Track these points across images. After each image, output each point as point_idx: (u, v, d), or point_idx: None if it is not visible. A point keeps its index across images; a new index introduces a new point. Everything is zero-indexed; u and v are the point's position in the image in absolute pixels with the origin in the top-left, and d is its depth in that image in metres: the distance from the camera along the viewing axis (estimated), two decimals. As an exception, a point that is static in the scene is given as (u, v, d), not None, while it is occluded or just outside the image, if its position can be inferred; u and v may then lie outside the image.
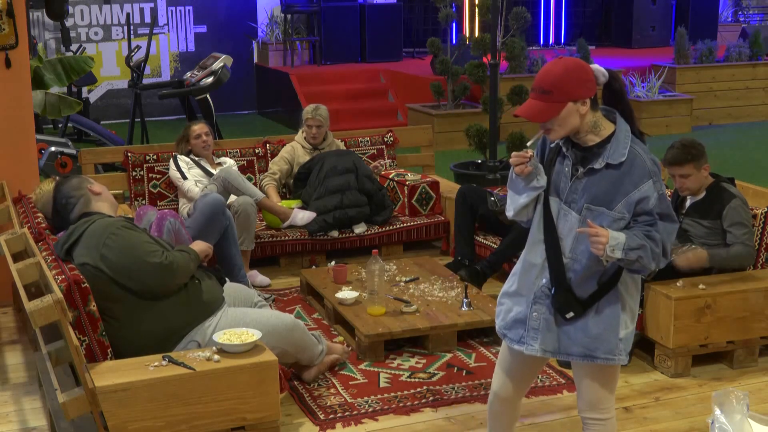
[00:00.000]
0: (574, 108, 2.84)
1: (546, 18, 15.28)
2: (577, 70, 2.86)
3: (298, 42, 13.11)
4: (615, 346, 2.96)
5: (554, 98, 2.84)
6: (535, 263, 2.99)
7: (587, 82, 2.85)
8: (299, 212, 6.12)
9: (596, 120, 2.91)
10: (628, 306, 2.99)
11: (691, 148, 4.58)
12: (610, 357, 2.96)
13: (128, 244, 3.79)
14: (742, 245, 4.54)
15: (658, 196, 2.85)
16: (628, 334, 3.00)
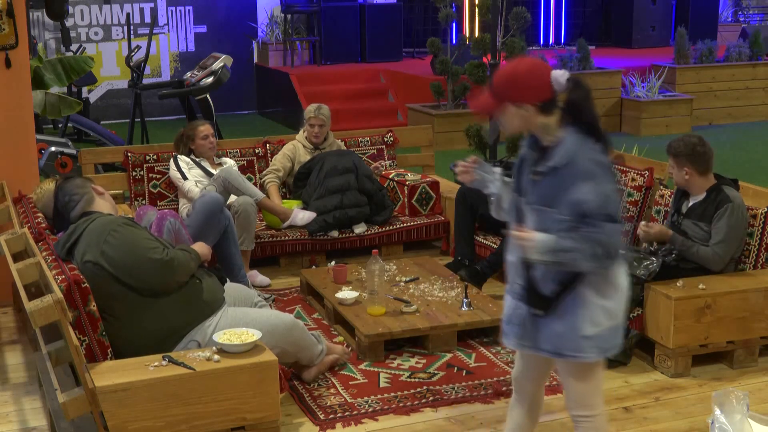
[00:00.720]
0: (516, 111, 2.91)
1: (546, 18, 15.29)
2: (527, 75, 2.90)
3: (298, 42, 13.11)
4: (579, 344, 2.97)
5: (497, 97, 2.92)
6: (512, 261, 3.07)
7: (534, 89, 2.89)
8: (299, 212, 6.12)
9: (548, 124, 2.93)
10: (597, 305, 2.96)
11: (678, 145, 4.63)
12: (575, 354, 2.99)
13: (129, 241, 3.80)
14: (711, 250, 4.56)
15: (601, 199, 2.86)
16: (600, 332, 2.98)
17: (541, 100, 2.90)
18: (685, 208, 4.73)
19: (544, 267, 2.95)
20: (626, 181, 5.52)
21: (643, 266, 4.51)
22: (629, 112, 11.63)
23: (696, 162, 4.59)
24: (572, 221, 2.87)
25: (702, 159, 4.60)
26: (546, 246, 2.86)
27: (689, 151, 4.60)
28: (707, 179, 4.63)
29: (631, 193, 5.46)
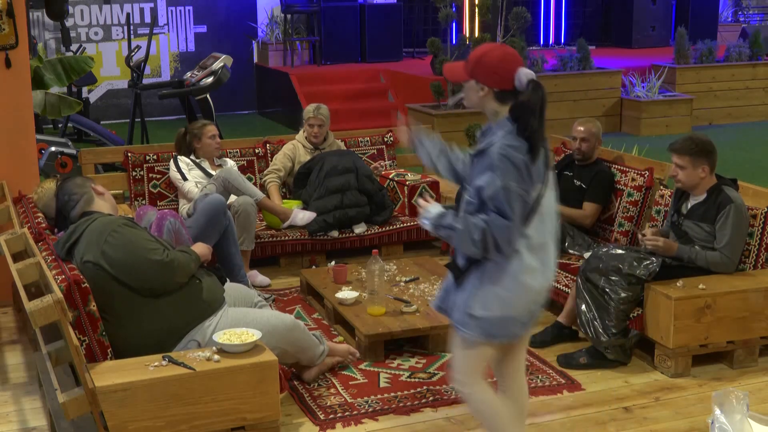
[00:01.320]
0: (475, 87, 3.12)
1: (546, 18, 15.28)
2: (496, 60, 3.09)
3: (298, 42, 13.11)
4: (464, 319, 3.15)
5: (466, 69, 3.14)
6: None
7: (496, 75, 3.08)
8: (299, 212, 6.12)
9: (498, 111, 3.11)
10: (492, 292, 3.10)
11: (694, 143, 4.58)
12: (458, 326, 3.18)
13: (129, 241, 3.80)
14: (719, 254, 4.55)
15: (494, 190, 2.99)
16: (491, 317, 3.11)
17: (500, 88, 3.09)
18: (685, 208, 4.72)
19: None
20: (626, 181, 5.53)
21: (643, 266, 4.51)
22: (629, 112, 11.63)
23: (712, 160, 4.59)
24: (476, 204, 3.06)
25: (714, 157, 4.61)
26: (431, 217, 3.12)
27: (709, 149, 4.59)
28: (704, 178, 4.62)
29: (631, 193, 5.46)
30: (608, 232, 5.58)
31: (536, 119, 3.03)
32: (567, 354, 4.67)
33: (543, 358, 4.70)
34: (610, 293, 4.53)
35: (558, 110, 11.35)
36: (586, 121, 5.67)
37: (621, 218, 5.48)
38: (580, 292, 4.65)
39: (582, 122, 5.66)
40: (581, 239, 5.49)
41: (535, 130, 3.03)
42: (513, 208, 2.99)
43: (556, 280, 5.12)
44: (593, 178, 5.55)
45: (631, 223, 5.44)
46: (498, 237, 2.99)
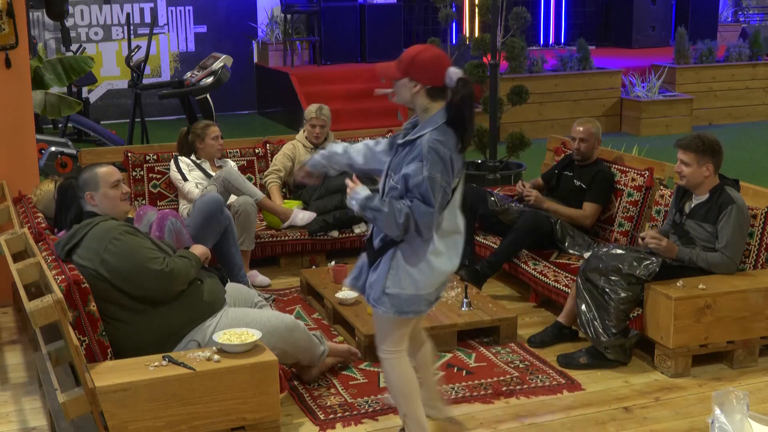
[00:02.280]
0: (408, 84, 3.37)
1: (546, 18, 15.28)
2: (429, 59, 3.37)
3: (298, 42, 13.11)
4: (380, 296, 3.44)
5: (399, 67, 3.39)
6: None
7: (428, 72, 3.35)
8: (299, 212, 6.12)
9: (428, 107, 3.38)
10: (404, 270, 3.40)
11: (702, 141, 4.58)
12: (374, 304, 3.47)
13: (129, 250, 3.79)
14: (720, 255, 4.55)
15: (421, 179, 3.26)
16: (402, 294, 3.41)
17: (432, 85, 3.35)
18: (687, 208, 4.72)
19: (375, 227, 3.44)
20: (626, 181, 5.53)
21: (643, 266, 4.51)
22: (629, 112, 11.63)
23: (717, 160, 4.59)
24: (401, 190, 3.33)
25: (720, 157, 4.60)
26: (359, 199, 3.37)
27: (716, 149, 4.59)
28: (708, 177, 4.62)
29: (631, 193, 5.46)
30: (608, 232, 5.58)
31: (468, 112, 3.35)
32: (567, 354, 4.67)
33: (543, 358, 4.70)
34: (610, 293, 4.53)
35: (558, 110, 11.35)
36: (585, 122, 5.66)
37: (621, 218, 5.48)
38: (580, 292, 4.66)
39: (581, 122, 5.65)
40: (581, 239, 5.49)
41: (468, 122, 3.36)
42: (435, 197, 3.27)
43: (555, 279, 5.16)
44: (593, 178, 5.55)
45: (631, 223, 5.44)
46: (420, 222, 3.28)
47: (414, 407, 3.65)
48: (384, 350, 3.60)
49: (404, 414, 3.66)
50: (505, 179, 7.90)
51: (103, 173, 4.05)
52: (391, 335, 3.56)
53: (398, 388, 3.64)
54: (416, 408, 3.65)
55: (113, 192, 4.01)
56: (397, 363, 3.60)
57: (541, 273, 5.28)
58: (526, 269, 5.41)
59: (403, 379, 3.62)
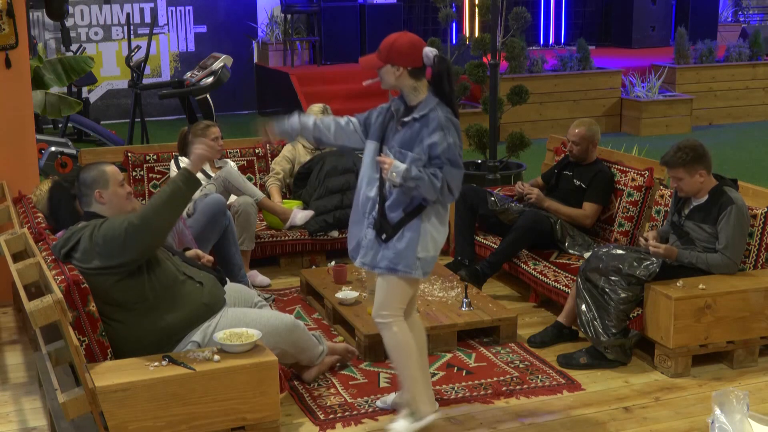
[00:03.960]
0: (391, 69, 3.71)
1: (546, 18, 15.28)
2: (405, 44, 3.69)
3: (298, 42, 13.10)
4: (413, 262, 3.72)
5: (380, 56, 3.73)
6: (370, 196, 3.80)
7: (407, 55, 3.68)
8: (298, 212, 6.12)
9: (416, 86, 3.73)
10: (430, 234, 3.74)
11: (683, 153, 4.55)
12: (407, 270, 3.73)
13: (108, 226, 3.74)
14: (721, 256, 4.55)
15: (447, 145, 3.64)
16: (428, 257, 3.74)
17: (412, 66, 3.69)
18: (686, 209, 4.71)
19: (393, 197, 3.70)
20: (626, 181, 5.53)
21: (643, 266, 4.51)
22: (629, 112, 11.63)
23: (706, 162, 4.58)
24: (424, 160, 3.65)
25: (708, 158, 4.60)
26: (401, 171, 3.62)
27: (701, 153, 4.57)
28: (704, 182, 4.61)
29: (631, 193, 5.46)
30: (608, 232, 5.58)
31: (448, 82, 3.71)
32: (567, 354, 4.67)
33: (543, 358, 4.70)
34: (610, 293, 4.53)
35: (558, 110, 11.35)
36: (579, 124, 5.64)
37: (621, 218, 5.48)
38: (580, 292, 4.65)
39: (576, 125, 5.64)
40: (581, 239, 5.49)
41: (449, 91, 3.71)
42: (459, 159, 3.67)
43: (555, 279, 5.16)
44: (593, 178, 5.55)
45: (631, 223, 5.44)
46: (451, 183, 3.67)
47: (416, 368, 3.86)
48: (389, 314, 3.81)
49: (409, 379, 3.85)
50: (505, 179, 7.89)
51: (112, 171, 4.02)
52: (401, 298, 3.81)
53: (401, 350, 3.84)
54: (415, 368, 3.86)
55: (121, 190, 4.01)
56: (401, 325, 3.83)
57: (541, 273, 5.28)
58: (526, 269, 5.41)
59: (405, 339, 3.83)
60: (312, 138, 3.99)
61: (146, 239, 3.72)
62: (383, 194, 3.76)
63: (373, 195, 3.79)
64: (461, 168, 3.70)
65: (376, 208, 3.76)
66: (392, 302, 3.81)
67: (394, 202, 3.72)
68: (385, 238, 3.74)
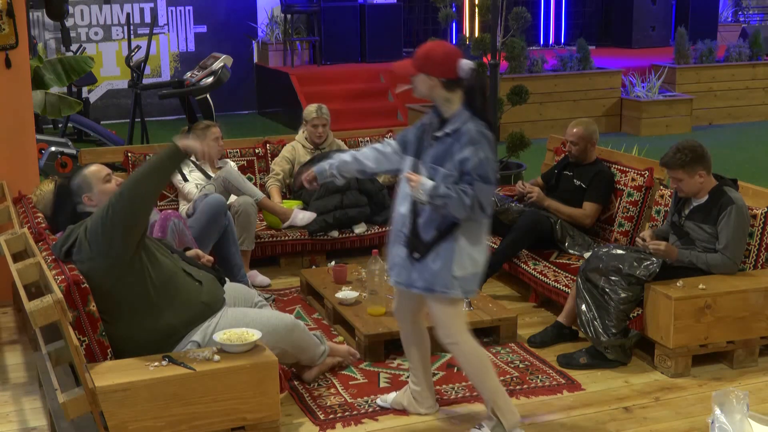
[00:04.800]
0: (425, 79, 3.62)
1: (546, 18, 15.29)
2: (441, 55, 3.61)
3: (298, 42, 13.11)
4: (450, 281, 3.62)
5: (414, 64, 3.64)
6: (403, 213, 3.70)
7: (442, 66, 3.59)
8: (299, 212, 6.12)
9: (449, 98, 3.63)
10: (466, 252, 3.62)
11: (682, 154, 4.55)
12: (445, 290, 3.63)
13: (96, 212, 3.73)
14: (721, 256, 4.55)
15: (478, 160, 3.52)
16: (466, 275, 3.63)
17: (447, 77, 3.59)
18: (686, 209, 4.71)
19: (427, 215, 3.60)
20: (626, 181, 5.53)
21: (643, 266, 4.51)
22: (629, 112, 11.63)
23: (705, 162, 4.58)
24: (455, 176, 3.54)
25: (708, 158, 4.59)
26: (428, 189, 3.52)
27: (700, 154, 4.57)
28: (703, 182, 4.61)
29: (631, 193, 5.46)
30: (608, 232, 5.58)
31: (480, 96, 3.65)
32: (567, 354, 4.67)
33: (543, 358, 4.70)
34: (610, 293, 4.53)
35: (558, 110, 11.35)
36: (577, 124, 5.64)
37: (621, 218, 5.48)
38: (580, 292, 4.65)
39: (574, 124, 5.64)
40: (581, 239, 5.49)
41: (480, 105, 3.64)
42: (492, 176, 3.56)
43: (555, 279, 5.16)
44: (593, 178, 5.55)
45: (631, 223, 5.44)
46: (482, 200, 3.54)
47: (495, 380, 3.80)
48: (455, 335, 3.73)
49: (491, 391, 3.77)
50: (505, 179, 7.89)
51: (92, 172, 4.08)
52: (456, 319, 3.74)
53: (477, 369, 3.76)
54: (497, 380, 3.81)
55: (108, 186, 4.02)
56: (472, 344, 3.75)
57: (541, 273, 5.28)
58: (526, 269, 5.41)
59: (480, 357, 3.76)
60: (356, 171, 3.91)
61: (129, 208, 3.61)
62: (416, 211, 3.65)
63: (405, 212, 3.69)
64: (493, 185, 3.58)
65: (408, 225, 3.67)
66: (447, 324, 3.73)
67: (426, 220, 3.63)
68: (418, 257, 3.64)
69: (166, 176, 3.78)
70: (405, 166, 3.74)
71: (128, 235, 3.67)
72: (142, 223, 3.73)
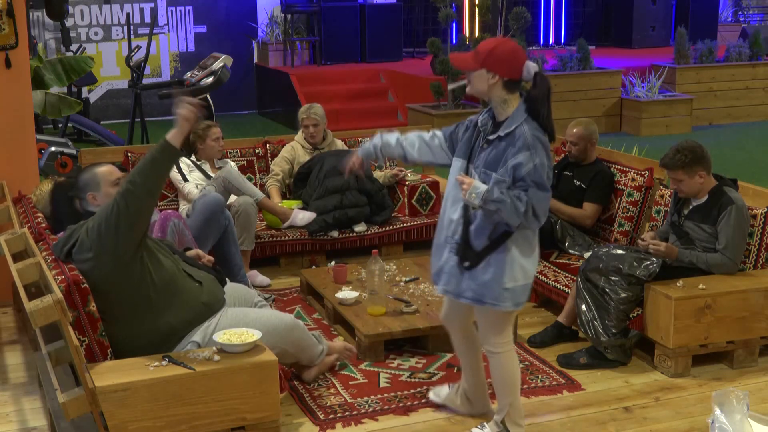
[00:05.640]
0: (486, 75, 3.45)
1: (546, 18, 15.28)
2: (507, 52, 3.45)
3: (298, 42, 13.11)
4: (500, 294, 3.51)
5: (476, 58, 3.46)
6: (453, 218, 3.58)
7: (507, 64, 3.43)
8: (299, 212, 6.12)
9: (507, 99, 3.48)
10: (518, 263, 3.50)
11: (681, 155, 4.55)
12: (495, 303, 3.52)
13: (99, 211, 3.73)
14: (721, 256, 4.55)
15: (533, 166, 3.39)
16: (517, 287, 3.52)
17: (509, 77, 3.44)
18: (686, 209, 4.71)
19: (478, 222, 3.48)
20: (626, 181, 5.53)
21: (643, 266, 4.51)
22: (629, 112, 11.63)
23: (705, 163, 4.57)
24: (509, 182, 3.42)
25: (708, 158, 4.59)
26: (481, 192, 3.39)
27: (700, 154, 4.57)
28: (703, 183, 4.61)
29: (631, 193, 5.46)
30: (608, 232, 5.58)
31: (546, 107, 3.46)
32: (567, 354, 4.67)
33: (543, 358, 4.70)
34: (610, 293, 4.53)
35: (558, 110, 11.30)
36: (577, 124, 5.64)
37: (621, 218, 5.48)
38: (580, 292, 4.65)
39: (574, 124, 5.64)
40: (581, 239, 5.49)
41: (546, 116, 3.46)
42: (547, 182, 3.42)
43: (555, 279, 5.15)
44: (593, 178, 5.54)
45: (631, 223, 5.44)
46: (537, 207, 3.40)
47: (518, 396, 3.77)
48: (498, 345, 3.67)
49: (509, 403, 3.74)
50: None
51: (103, 172, 4.07)
52: (505, 329, 3.66)
53: (508, 381, 3.72)
54: (519, 397, 3.78)
55: (115, 190, 4.00)
56: (511, 355, 3.71)
57: (541, 273, 5.28)
58: (526, 269, 5.40)
59: (514, 371, 3.72)
60: (397, 156, 3.82)
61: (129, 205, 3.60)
62: (468, 217, 3.52)
63: (456, 217, 3.56)
64: (549, 191, 3.44)
65: (460, 232, 3.54)
66: (494, 335, 3.66)
67: (478, 228, 3.49)
68: (468, 266, 3.52)
69: (161, 171, 3.74)
70: (454, 169, 3.62)
71: (129, 232, 3.67)
72: (143, 220, 3.72)
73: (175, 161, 3.80)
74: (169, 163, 3.77)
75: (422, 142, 3.75)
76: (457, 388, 4.11)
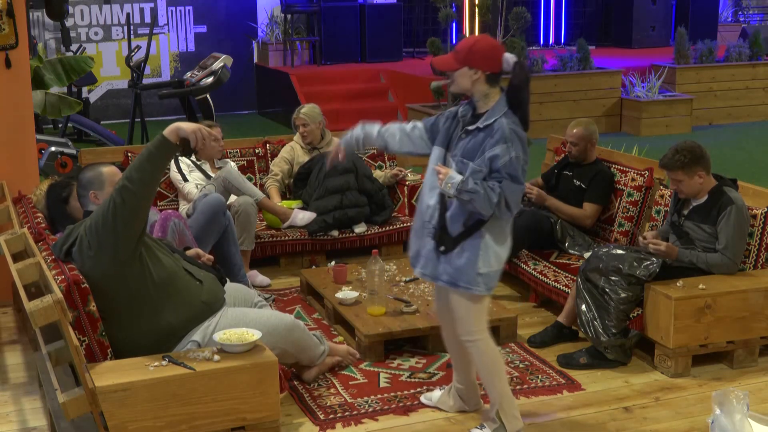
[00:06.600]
0: (468, 72, 3.57)
1: (546, 18, 15.29)
2: (486, 47, 3.58)
3: (298, 42, 13.11)
4: (474, 278, 3.60)
5: (457, 58, 3.58)
6: (430, 204, 3.68)
7: (487, 59, 3.56)
8: (299, 212, 6.13)
9: (488, 93, 3.61)
10: (492, 249, 3.60)
11: (681, 155, 4.55)
12: (468, 286, 3.61)
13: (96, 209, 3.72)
14: (721, 256, 4.54)
15: (509, 158, 3.50)
16: (490, 272, 3.61)
17: (491, 71, 3.57)
18: (686, 209, 4.71)
19: (454, 209, 3.57)
20: (626, 181, 5.53)
21: (643, 266, 4.51)
22: (629, 112, 11.63)
23: (705, 163, 4.57)
24: (485, 172, 3.52)
25: (707, 158, 4.59)
26: (456, 183, 3.48)
27: (699, 155, 4.57)
28: (703, 183, 4.61)
29: (631, 193, 5.46)
30: (608, 232, 5.58)
31: (526, 94, 3.62)
32: (567, 354, 4.67)
33: (543, 358, 4.70)
34: (610, 293, 4.53)
35: (558, 110, 11.35)
36: (577, 124, 5.64)
37: (621, 218, 5.48)
38: (580, 292, 4.65)
39: (574, 125, 5.64)
40: (581, 239, 5.49)
41: (526, 101, 3.61)
42: (522, 174, 3.53)
43: (555, 279, 5.15)
44: (593, 178, 5.54)
45: (631, 223, 5.44)
46: (509, 199, 3.50)
47: (505, 384, 3.79)
48: (474, 333, 3.72)
49: (499, 394, 3.76)
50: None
51: (108, 172, 4.06)
52: (479, 316, 3.71)
53: (491, 368, 3.75)
54: (507, 384, 3.79)
55: None
56: (488, 342, 3.74)
57: (541, 273, 5.28)
58: (526, 269, 5.41)
59: (495, 357, 3.76)
60: (378, 146, 3.94)
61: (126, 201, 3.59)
62: (444, 204, 3.63)
63: (433, 203, 3.67)
64: (522, 184, 3.55)
65: (436, 218, 3.65)
66: (469, 321, 3.71)
67: (453, 214, 3.60)
68: (443, 251, 3.63)
69: (157, 166, 3.73)
70: (433, 157, 3.72)
71: (127, 229, 3.65)
72: (140, 216, 3.70)
73: (172, 157, 3.81)
74: (165, 159, 3.77)
75: (403, 134, 3.85)
76: (449, 389, 4.12)
